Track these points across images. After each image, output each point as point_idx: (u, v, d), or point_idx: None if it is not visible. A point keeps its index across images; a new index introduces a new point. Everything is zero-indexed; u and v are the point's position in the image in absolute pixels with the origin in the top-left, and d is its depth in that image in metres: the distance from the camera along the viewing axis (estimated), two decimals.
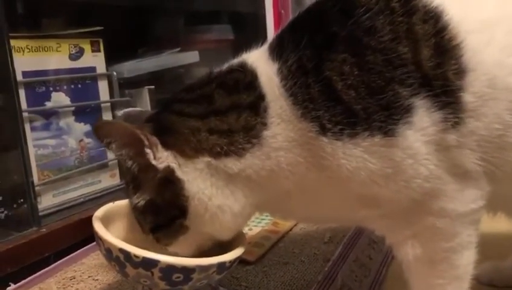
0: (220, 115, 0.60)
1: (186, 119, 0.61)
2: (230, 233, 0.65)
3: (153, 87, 1.32)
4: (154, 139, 0.60)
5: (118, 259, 0.62)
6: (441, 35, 0.54)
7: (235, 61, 0.64)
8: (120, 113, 0.74)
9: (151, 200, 0.62)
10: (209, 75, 0.64)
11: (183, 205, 0.60)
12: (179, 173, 0.60)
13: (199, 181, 0.60)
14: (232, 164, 0.59)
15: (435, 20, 0.54)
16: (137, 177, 0.62)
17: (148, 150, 0.59)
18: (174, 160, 0.60)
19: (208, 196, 0.60)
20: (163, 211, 0.62)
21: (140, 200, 0.62)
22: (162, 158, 0.60)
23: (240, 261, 0.73)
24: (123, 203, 0.73)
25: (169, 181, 0.60)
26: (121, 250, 0.61)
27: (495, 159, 0.56)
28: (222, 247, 0.67)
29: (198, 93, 0.63)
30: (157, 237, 0.64)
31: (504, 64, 0.54)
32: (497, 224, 0.71)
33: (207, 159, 0.59)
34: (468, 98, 0.54)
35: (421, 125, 0.54)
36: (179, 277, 0.61)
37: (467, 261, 0.61)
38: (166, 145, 0.60)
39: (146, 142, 0.59)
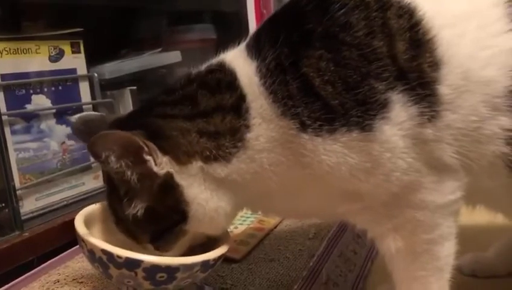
0: (206, 116, 0.59)
1: (172, 121, 0.60)
2: (222, 230, 0.67)
3: (135, 88, 1.31)
4: (152, 145, 0.59)
5: (101, 260, 0.62)
6: (415, 29, 0.55)
7: (214, 61, 0.64)
8: (74, 118, 0.69)
9: (151, 208, 0.61)
10: (188, 76, 0.64)
11: (184, 210, 0.60)
12: (177, 178, 0.59)
13: (195, 186, 0.60)
14: (220, 169, 0.59)
15: (409, 14, 0.55)
16: (133, 188, 0.60)
17: (148, 157, 0.58)
18: (170, 165, 0.59)
19: (205, 200, 0.60)
20: (165, 218, 0.61)
21: (138, 209, 0.61)
22: (163, 164, 0.59)
23: (226, 259, 0.74)
24: (105, 205, 0.73)
25: (170, 187, 0.59)
26: (104, 251, 0.61)
27: (471, 152, 0.57)
28: (206, 245, 0.68)
29: (180, 94, 0.62)
30: (158, 244, 0.64)
31: (477, 57, 0.55)
32: (477, 217, 0.72)
33: (199, 164, 0.59)
34: (443, 90, 0.55)
35: (398, 119, 0.54)
36: (162, 277, 0.61)
37: (447, 252, 0.62)
38: (163, 151, 0.59)
39: (146, 149, 0.58)
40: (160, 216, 0.61)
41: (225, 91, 0.60)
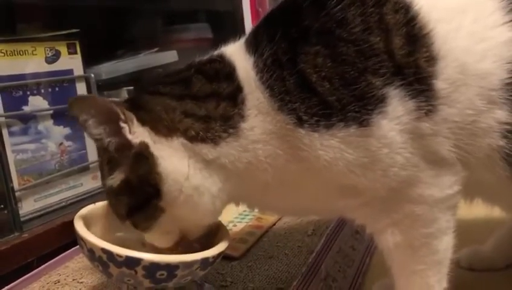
0: (197, 100, 0.60)
1: (159, 98, 0.62)
2: (208, 216, 0.65)
3: (132, 88, 1.31)
4: (130, 114, 0.60)
5: (101, 259, 0.62)
6: (411, 24, 0.55)
7: (215, 52, 0.65)
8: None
9: (126, 180, 0.61)
10: (189, 63, 0.65)
11: (157, 183, 0.60)
12: (153, 149, 0.60)
13: (174, 160, 0.60)
14: (206, 150, 0.59)
15: (405, 9, 0.56)
16: (113, 157, 0.62)
17: (124, 125, 0.59)
18: (149, 136, 0.60)
19: (184, 176, 0.60)
20: (138, 190, 0.61)
21: (115, 180, 0.62)
22: (137, 133, 0.60)
23: (225, 257, 0.74)
24: (104, 204, 0.73)
25: (144, 157, 0.60)
26: (104, 250, 0.61)
27: (468, 146, 0.57)
28: (205, 243, 0.68)
29: (176, 77, 0.64)
30: (134, 221, 0.64)
31: (473, 50, 0.55)
32: (475, 210, 0.72)
33: (182, 140, 0.59)
34: (440, 84, 0.55)
35: (395, 114, 0.55)
36: (162, 274, 0.61)
37: (446, 246, 0.62)
38: (142, 121, 0.60)
39: (122, 117, 0.59)
40: (135, 189, 0.61)
41: (223, 80, 0.60)
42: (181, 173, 0.60)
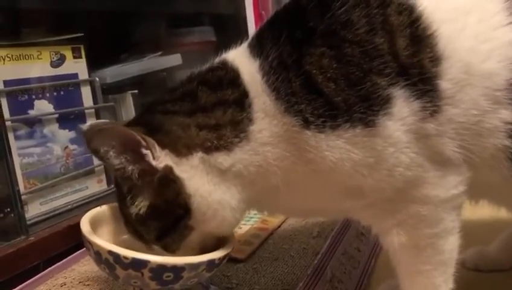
0: (206, 111, 0.60)
1: (173, 117, 0.61)
2: (230, 228, 0.66)
3: (136, 91, 1.32)
4: (151, 140, 0.59)
5: (108, 262, 0.62)
6: (415, 25, 0.55)
7: (216, 60, 0.65)
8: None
9: (153, 205, 0.61)
10: (189, 76, 0.65)
11: (186, 203, 0.60)
12: (177, 171, 0.60)
13: (197, 178, 0.60)
14: (222, 159, 0.59)
15: (409, 10, 0.56)
16: (135, 185, 0.61)
17: (146, 151, 0.59)
18: (170, 159, 0.60)
19: (208, 192, 0.60)
20: (167, 213, 0.61)
21: (141, 207, 0.61)
22: (161, 157, 0.59)
23: (231, 259, 0.74)
24: (110, 207, 0.74)
25: (169, 180, 0.60)
26: (110, 252, 0.61)
27: (473, 146, 0.57)
28: (211, 246, 0.68)
29: (181, 91, 0.64)
30: (165, 243, 0.63)
31: (477, 50, 0.56)
32: (480, 211, 0.72)
33: (200, 154, 0.59)
34: (444, 85, 0.55)
35: (401, 114, 0.55)
36: (169, 276, 0.61)
37: (451, 246, 0.62)
38: (162, 145, 0.60)
39: (144, 143, 0.59)
40: (163, 212, 0.61)
41: (227, 87, 0.60)
42: (205, 190, 0.60)
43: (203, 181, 0.60)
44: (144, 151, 0.59)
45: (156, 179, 0.60)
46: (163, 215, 0.61)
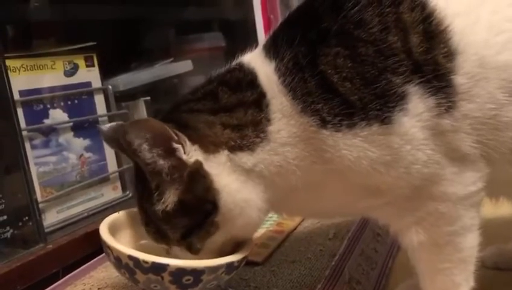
0: (228, 111, 0.61)
1: (199, 115, 0.62)
2: (254, 229, 0.67)
3: (148, 98, 1.32)
4: (182, 135, 0.60)
5: (128, 266, 0.63)
6: (428, 21, 0.56)
7: (233, 64, 0.66)
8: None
9: (182, 201, 0.61)
10: (209, 77, 0.66)
11: (215, 199, 0.60)
12: (206, 167, 0.60)
13: (225, 175, 0.61)
14: (246, 159, 0.60)
15: (421, 7, 0.56)
16: (163, 181, 0.61)
17: (177, 146, 0.59)
18: (200, 154, 0.60)
19: (235, 190, 0.61)
20: (196, 209, 0.61)
21: (168, 203, 0.61)
22: (191, 152, 0.60)
23: (248, 262, 0.74)
24: (127, 212, 0.74)
25: (199, 175, 0.60)
26: (130, 257, 0.62)
27: (490, 141, 0.57)
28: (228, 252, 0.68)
29: (202, 92, 0.65)
30: (189, 242, 0.63)
31: (492, 43, 0.55)
32: (500, 209, 0.72)
33: (226, 152, 0.60)
34: (459, 80, 0.55)
35: (416, 111, 0.55)
36: (189, 280, 0.62)
37: (470, 243, 0.62)
38: (192, 140, 0.61)
39: (175, 138, 0.59)
40: (192, 208, 0.61)
41: (246, 89, 0.61)
42: (233, 187, 0.61)
43: (230, 178, 0.61)
44: (175, 145, 0.59)
45: (186, 173, 0.60)
46: (192, 211, 0.61)
